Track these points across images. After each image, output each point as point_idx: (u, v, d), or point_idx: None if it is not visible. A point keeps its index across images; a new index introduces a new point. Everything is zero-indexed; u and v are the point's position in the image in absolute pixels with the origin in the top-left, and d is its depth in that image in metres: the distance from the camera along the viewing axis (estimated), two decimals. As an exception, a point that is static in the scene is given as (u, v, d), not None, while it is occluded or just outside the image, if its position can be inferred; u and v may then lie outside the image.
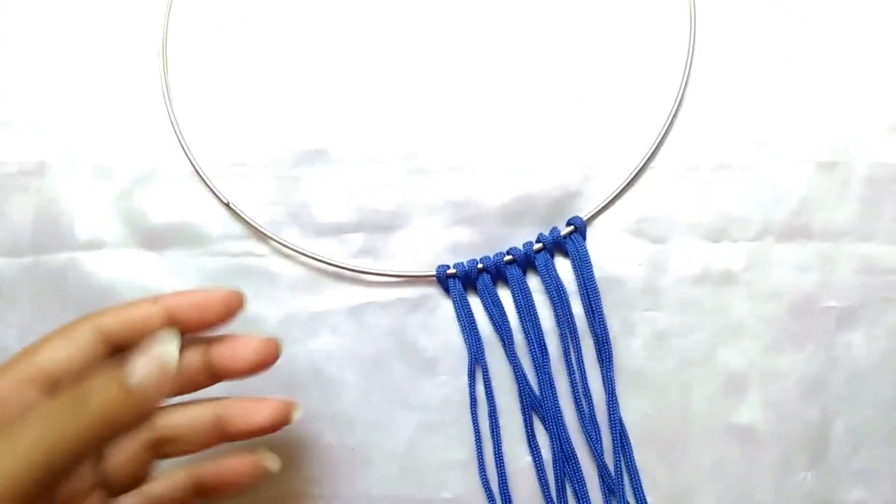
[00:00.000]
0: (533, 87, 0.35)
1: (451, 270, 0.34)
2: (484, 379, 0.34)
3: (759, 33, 0.35)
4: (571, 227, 0.34)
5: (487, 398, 0.33)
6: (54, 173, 0.36)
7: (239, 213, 0.34)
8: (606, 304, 0.34)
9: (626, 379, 0.34)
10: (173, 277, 0.35)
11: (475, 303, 0.34)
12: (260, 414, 0.27)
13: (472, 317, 0.34)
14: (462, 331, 0.34)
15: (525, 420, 0.33)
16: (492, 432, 0.33)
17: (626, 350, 0.34)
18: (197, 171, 0.35)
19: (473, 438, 0.33)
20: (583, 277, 0.33)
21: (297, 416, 0.28)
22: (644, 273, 0.34)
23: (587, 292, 0.33)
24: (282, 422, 0.28)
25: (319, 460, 0.34)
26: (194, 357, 0.27)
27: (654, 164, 0.35)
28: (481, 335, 0.34)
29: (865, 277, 0.34)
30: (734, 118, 0.35)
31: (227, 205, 0.34)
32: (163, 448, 0.27)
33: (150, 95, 0.36)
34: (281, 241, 0.34)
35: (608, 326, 0.33)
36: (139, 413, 0.23)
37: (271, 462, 0.28)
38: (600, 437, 0.33)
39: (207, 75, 0.36)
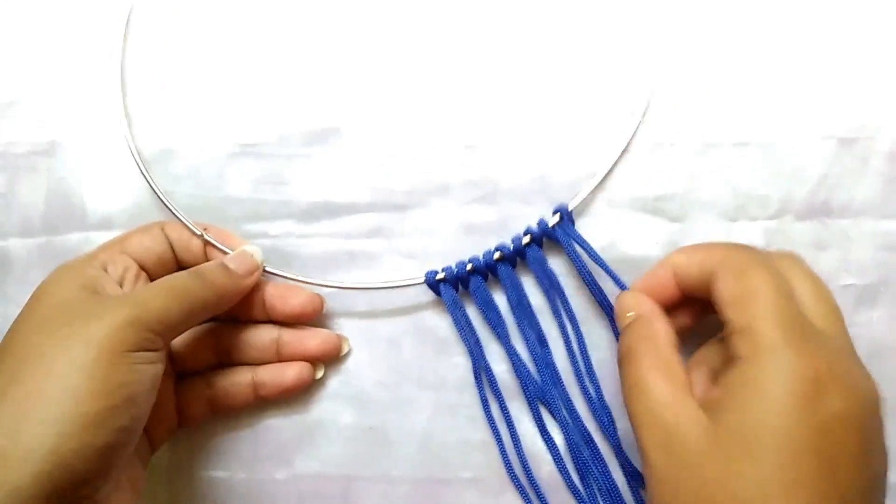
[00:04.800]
0: (547, 64, 0.35)
1: (441, 275, 0.33)
2: (489, 379, 0.33)
3: (779, 7, 0.35)
4: (558, 216, 0.33)
5: (495, 396, 0.33)
6: (65, 153, 0.36)
7: (213, 243, 0.33)
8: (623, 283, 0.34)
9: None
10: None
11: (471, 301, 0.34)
12: (311, 342, 0.33)
13: (469, 319, 0.33)
14: (460, 335, 0.33)
15: (534, 414, 0.33)
16: (508, 427, 0.33)
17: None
18: (167, 206, 0.34)
19: (493, 438, 0.33)
20: (579, 263, 0.33)
21: (346, 349, 0.34)
22: (662, 252, 0.34)
23: (587, 277, 0.33)
24: (330, 354, 0.33)
25: (338, 440, 0.34)
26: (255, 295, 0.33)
27: (672, 141, 0.34)
28: (481, 332, 0.34)
29: (886, 255, 0.33)
30: (752, 94, 0.34)
31: (200, 236, 0.33)
32: (227, 355, 0.33)
33: (158, 75, 0.36)
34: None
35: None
36: (238, 288, 0.31)
37: (318, 371, 0.33)
38: (613, 421, 0.33)
39: (217, 53, 0.36)
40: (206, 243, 0.33)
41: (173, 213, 0.34)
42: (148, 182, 0.35)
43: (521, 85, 0.35)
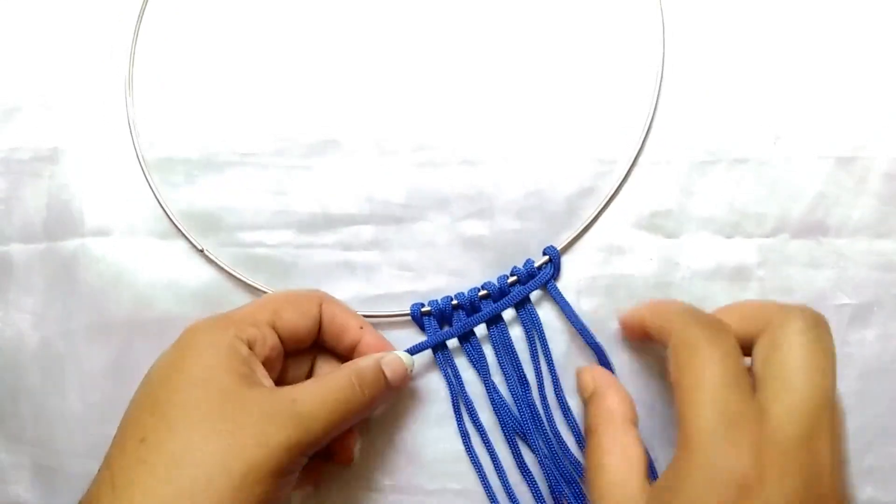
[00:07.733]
0: (544, 81, 0.35)
1: (426, 308, 0.33)
2: (468, 411, 0.33)
3: (778, 25, 0.35)
4: (546, 258, 0.33)
5: (477, 428, 0.33)
6: (67, 160, 0.36)
7: (213, 258, 0.34)
8: (617, 298, 0.34)
9: (635, 375, 0.33)
10: (180, 266, 0.35)
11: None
12: None
13: (449, 354, 0.34)
14: (440, 368, 0.34)
15: (513, 451, 0.33)
16: (492, 459, 0.33)
17: (637, 346, 0.34)
18: (171, 220, 0.35)
19: (475, 471, 0.33)
20: (563, 305, 0.33)
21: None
22: (656, 268, 0.34)
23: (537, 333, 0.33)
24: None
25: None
26: None
27: (669, 157, 0.34)
28: (463, 363, 0.34)
29: (881, 275, 0.33)
30: (751, 112, 0.34)
31: (201, 251, 0.34)
32: None
33: (159, 85, 0.36)
34: (248, 281, 0.34)
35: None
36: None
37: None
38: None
39: (219, 64, 0.36)
40: (210, 260, 0.34)
41: (172, 223, 0.35)
42: (152, 191, 0.35)
43: (519, 101, 0.35)
